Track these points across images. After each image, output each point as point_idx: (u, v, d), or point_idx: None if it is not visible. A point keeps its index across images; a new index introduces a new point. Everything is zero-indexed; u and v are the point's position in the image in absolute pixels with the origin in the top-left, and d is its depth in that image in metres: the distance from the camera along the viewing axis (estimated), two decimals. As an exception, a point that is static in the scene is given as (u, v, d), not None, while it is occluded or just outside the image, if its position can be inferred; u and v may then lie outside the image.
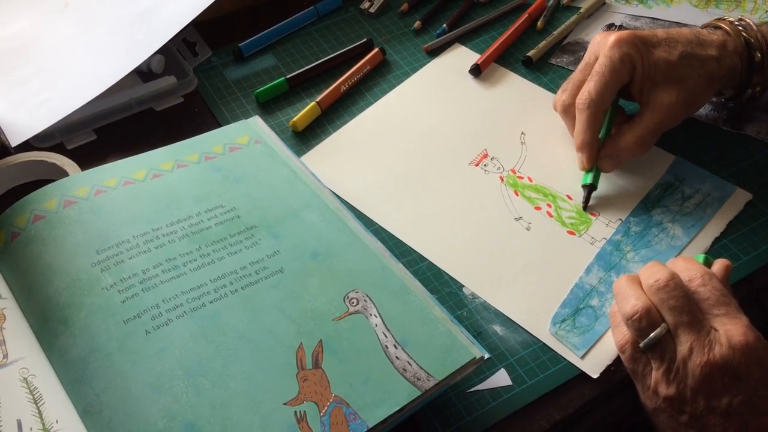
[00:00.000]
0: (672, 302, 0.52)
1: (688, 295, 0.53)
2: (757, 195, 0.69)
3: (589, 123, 0.66)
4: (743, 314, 0.53)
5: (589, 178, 0.68)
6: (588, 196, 0.67)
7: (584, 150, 0.68)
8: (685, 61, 0.66)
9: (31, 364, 0.50)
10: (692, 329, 0.51)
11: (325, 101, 0.75)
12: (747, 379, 0.50)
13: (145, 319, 0.52)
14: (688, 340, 0.51)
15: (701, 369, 0.50)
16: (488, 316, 0.60)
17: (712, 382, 0.51)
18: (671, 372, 0.52)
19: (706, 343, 0.51)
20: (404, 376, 0.51)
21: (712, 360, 0.50)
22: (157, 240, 0.57)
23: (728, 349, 0.50)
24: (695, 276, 0.54)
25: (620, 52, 0.65)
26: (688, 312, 0.52)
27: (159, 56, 0.75)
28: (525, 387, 0.56)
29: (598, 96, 0.66)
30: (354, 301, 0.55)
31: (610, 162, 0.68)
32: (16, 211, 0.58)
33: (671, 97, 0.66)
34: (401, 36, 0.83)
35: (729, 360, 0.50)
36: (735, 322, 0.51)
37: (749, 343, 0.50)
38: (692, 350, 0.51)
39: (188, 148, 0.65)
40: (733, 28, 0.69)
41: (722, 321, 0.52)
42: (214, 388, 0.49)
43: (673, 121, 0.68)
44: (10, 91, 0.72)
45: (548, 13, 0.86)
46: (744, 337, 0.51)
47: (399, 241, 0.65)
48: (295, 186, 0.63)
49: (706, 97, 0.69)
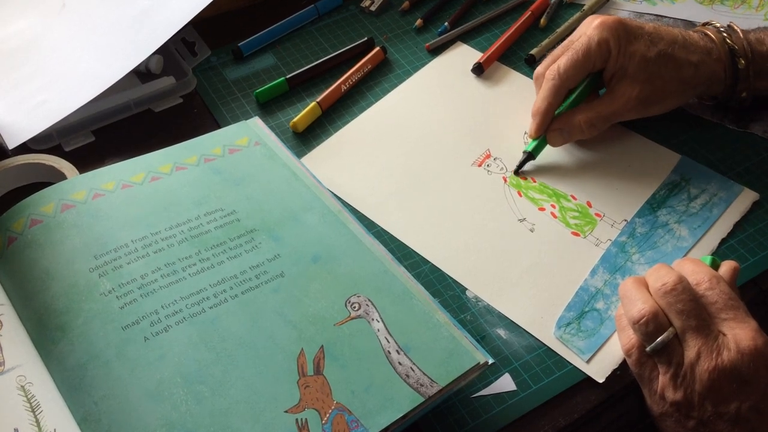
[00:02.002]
0: (680, 306, 0.51)
1: (696, 299, 0.52)
2: (763, 195, 0.68)
3: (548, 93, 0.68)
4: (751, 318, 0.52)
5: (532, 146, 0.69)
6: (523, 163, 0.69)
7: (536, 117, 0.69)
8: (661, 60, 0.66)
9: (29, 372, 0.50)
10: (700, 334, 0.51)
11: (326, 101, 0.74)
12: (755, 385, 0.50)
13: (144, 325, 0.51)
14: (696, 344, 0.50)
15: (709, 374, 0.50)
16: (492, 320, 0.60)
17: (720, 388, 0.50)
18: (678, 377, 0.51)
19: (714, 348, 0.50)
20: (407, 383, 0.50)
21: (720, 365, 0.50)
22: (156, 244, 0.56)
23: (736, 354, 0.50)
24: (703, 279, 0.53)
25: (599, 36, 0.66)
26: (696, 316, 0.51)
27: (157, 56, 0.74)
28: (530, 392, 0.56)
29: (564, 71, 0.67)
30: (356, 306, 0.54)
31: (558, 135, 0.69)
32: (12, 215, 0.57)
33: (633, 92, 0.67)
34: (402, 34, 0.83)
35: (737, 365, 0.49)
36: (743, 327, 0.51)
37: (758, 347, 0.50)
38: (700, 355, 0.50)
39: (187, 150, 0.64)
40: (718, 36, 0.69)
41: (730, 325, 0.51)
42: (214, 395, 0.48)
43: (628, 114, 0.69)
44: (7, 93, 0.71)
45: (551, 10, 0.85)
46: (753, 341, 0.50)
47: (401, 244, 0.64)
48: (296, 188, 0.62)
49: (674, 100, 0.69)
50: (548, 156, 0.71)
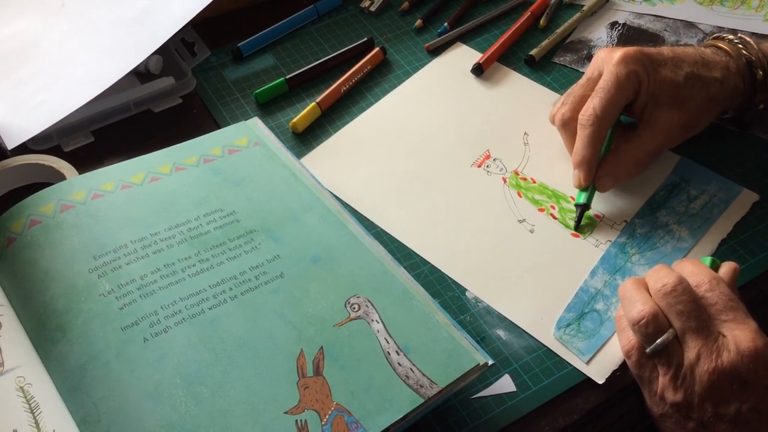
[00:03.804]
0: (680, 307, 0.51)
1: (696, 300, 0.52)
2: (763, 196, 0.68)
3: (591, 140, 0.64)
4: (751, 319, 0.52)
5: (584, 197, 0.65)
6: (581, 216, 0.65)
7: (583, 168, 0.65)
8: (690, 82, 0.65)
9: (28, 373, 0.49)
10: (700, 335, 0.51)
11: (326, 102, 0.74)
12: (755, 386, 0.50)
13: (143, 326, 0.51)
14: (696, 345, 0.50)
15: (709, 375, 0.50)
16: (492, 321, 0.59)
17: (720, 389, 0.50)
18: (678, 378, 0.51)
19: (714, 349, 0.50)
20: (407, 383, 0.50)
21: (720, 366, 0.50)
22: (155, 245, 0.56)
23: (736, 355, 0.50)
24: (703, 281, 0.53)
25: (627, 69, 0.63)
26: (696, 317, 0.51)
27: (157, 57, 0.74)
28: (530, 393, 0.56)
29: (603, 113, 0.63)
30: (355, 307, 0.54)
31: (608, 181, 0.66)
32: (12, 216, 0.57)
33: (673, 119, 0.65)
34: (402, 35, 0.83)
35: (737, 366, 0.49)
36: (743, 328, 0.51)
37: (758, 349, 0.50)
38: (700, 356, 0.50)
39: (187, 151, 0.64)
40: (734, 49, 0.68)
41: (730, 327, 0.51)
42: (214, 396, 0.48)
43: (672, 142, 0.67)
44: (6, 93, 0.71)
45: (551, 11, 0.85)
46: (753, 342, 0.50)
47: (401, 245, 0.64)
48: (295, 189, 0.62)
49: (707, 119, 0.68)
50: (548, 156, 0.71)
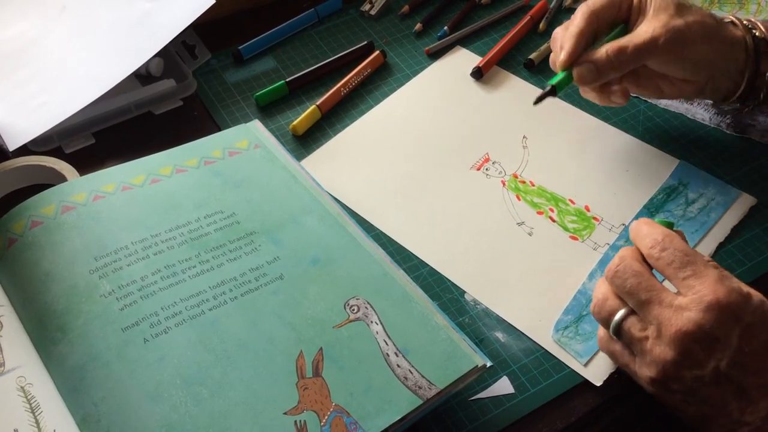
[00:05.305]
0: (627, 285, 0.50)
1: (641, 273, 0.50)
2: (761, 199, 0.68)
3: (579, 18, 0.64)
4: (711, 269, 0.49)
5: (556, 79, 0.65)
6: (544, 96, 0.64)
7: (566, 43, 0.64)
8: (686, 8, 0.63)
9: (29, 373, 0.50)
10: (654, 305, 0.49)
11: (326, 104, 0.74)
12: (726, 340, 0.47)
13: (144, 326, 0.51)
14: (654, 316, 0.49)
15: (673, 342, 0.47)
16: (490, 323, 0.60)
17: (689, 353, 0.47)
18: (647, 354, 0.49)
19: (673, 313, 0.48)
20: (405, 385, 0.51)
21: (682, 329, 0.47)
22: (156, 246, 0.56)
23: (697, 312, 0.47)
24: (657, 240, 0.51)
25: None
26: (646, 288, 0.49)
27: (158, 59, 0.75)
28: (528, 395, 0.56)
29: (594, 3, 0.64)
30: (355, 308, 0.54)
31: (586, 70, 0.63)
32: (13, 217, 0.57)
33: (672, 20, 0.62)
34: (402, 38, 0.83)
35: (701, 324, 0.47)
36: (702, 281, 0.48)
37: (720, 300, 0.47)
38: (660, 325, 0.48)
39: (187, 153, 0.64)
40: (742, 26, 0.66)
41: (690, 283, 0.49)
42: (213, 397, 0.48)
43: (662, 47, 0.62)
44: (8, 95, 0.71)
45: (550, 15, 0.85)
46: (713, 295, 0.47)
47: (400, 247, 0.64)
48: (295, 191, 0.62)
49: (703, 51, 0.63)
50: (547, 159, 0.71)
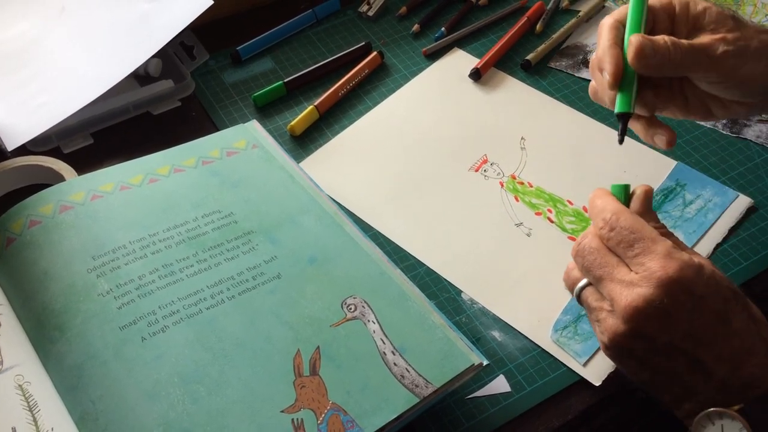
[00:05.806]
0: (585, 263, 0.51)
1: (598, 250, 0.51)
2: (757, 200, 0.68)
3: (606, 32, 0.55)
4: (660, 243, 0.49)
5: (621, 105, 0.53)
6: (624, 130, 0.53)
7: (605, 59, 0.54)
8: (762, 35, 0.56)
9: (27, 371, 0.50)
10: (606, 281, 0.49)
11: (324, 105, 0.74)
12: (678, 314, 0.47)
13: (141, 325, 0.51)
14: (608, 292, 0.49)
15: (623, 316, 0.48)
16: (487, 322, 0.60)
17: (640, 328, 0.48)
18: (601, 322, 0.50)
19: (624, 288, 0.48)
20: (402, 383, 0.51)
21: (631, 304, 0.47)
22: (154, 245, 0.56)
23: (647, 288, 0.47)
24: (606, 220, 0.51)
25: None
26: (599, 266, 0.50)
27: (156, 60, 0.75)
28: (524, 393, 0.56)
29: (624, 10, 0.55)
30: (352, 307, 0.54)
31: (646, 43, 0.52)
32: (11, 217, 0.57)
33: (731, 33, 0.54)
34: (400, 39, 0.83)
35: (651, 300, 0.47)
36: (651, 257, 0.48)
37: (669, 275, 0.47)
38: (613, 300, 0.49)
39: (185, 153, 0.64)
40: None
41: (639, 261, 0.49)
42: (211, 395, 0.49)
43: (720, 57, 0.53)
44: (6, 95, 0.71)
45: (547, 16, 0.86)
46: (663, 270, 0.47)
47: (397, 247, 0.64)
48: (293, 191, 0.62)
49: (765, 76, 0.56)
50: (545, 160, 0.71)
